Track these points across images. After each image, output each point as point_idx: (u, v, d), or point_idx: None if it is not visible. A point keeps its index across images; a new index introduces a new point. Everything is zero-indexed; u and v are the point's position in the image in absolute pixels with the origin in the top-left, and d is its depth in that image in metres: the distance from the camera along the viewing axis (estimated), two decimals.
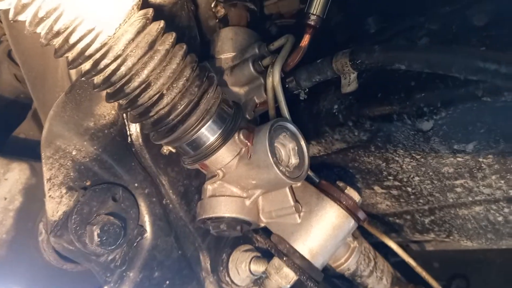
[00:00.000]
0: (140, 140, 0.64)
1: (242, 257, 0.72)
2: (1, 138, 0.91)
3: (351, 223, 0.62)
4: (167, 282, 0.67)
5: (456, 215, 0.82)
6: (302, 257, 0.60)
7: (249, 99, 0.66)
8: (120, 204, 0.62)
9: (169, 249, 0.67)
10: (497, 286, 1.19)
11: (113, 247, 0.58)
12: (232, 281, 0.73)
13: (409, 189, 0.78)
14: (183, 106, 0.54)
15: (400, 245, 0.86)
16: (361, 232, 0.83)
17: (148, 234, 0.66)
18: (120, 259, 0.62)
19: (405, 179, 0.76)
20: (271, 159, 0.57)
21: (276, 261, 0.62)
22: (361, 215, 0.63)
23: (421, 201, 0.81)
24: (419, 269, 0.77)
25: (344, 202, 0.62)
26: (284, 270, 0.61)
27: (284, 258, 0.60)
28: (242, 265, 0.71)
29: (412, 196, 0.80)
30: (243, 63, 0.66)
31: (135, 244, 0.64)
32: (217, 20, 0.77)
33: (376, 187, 0.82)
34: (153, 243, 0.66)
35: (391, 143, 0.67)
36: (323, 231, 0.61)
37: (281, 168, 0.58)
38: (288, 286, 0.62)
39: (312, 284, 0.60)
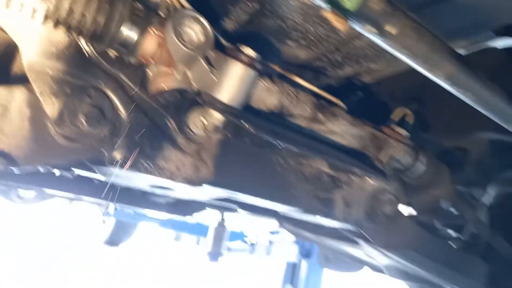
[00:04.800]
0: (94, 52, 0.90)
1: (195, 113, 1.01)
2: None
3: (251, 72, 0.87)
4: (146, 141, 0.99)
5: (355, 46, 1.03)
6: (222, 102, 0.87)
7: None
8: (94, 98, 0.91)
9: (140, 120, 0.97)
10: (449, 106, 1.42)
11: (98, 126, 0.89)
12: (193, 132, 1.04)
13: (311, 36, 0.99)
14: (104, 18, 0.77)
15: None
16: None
17: (123, 113, 0.96)
18: (108, 133, 0.94)
19: (303, 30, 0.97)
20: (176, 41, 0.80)
21: (201, 108, 0.91)
22: (258, 65, 0.87)
23: (325, 43, 1.02)
24: (316, 90, 1.03)
25: (242, 58, 0.86)
26: (212, 113, 0.90)
27: (211, 105, 0.88)
28: (196, 120, 1.01)
29: (317, 42, 1.01)
30: None
31: (116, 122, 0.95)
32: None
33: (288, 42, 1.03)
34: (129, 118, 0.96)
35: (272, 5, 0.86)
36: (233, 82, 0.87)
37: (188, 45, 0.82)
38: (221, 124, 0.92)
39: (234, 118, 0.89)
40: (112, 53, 0.89)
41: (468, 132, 1.40)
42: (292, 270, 4.22)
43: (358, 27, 0.58)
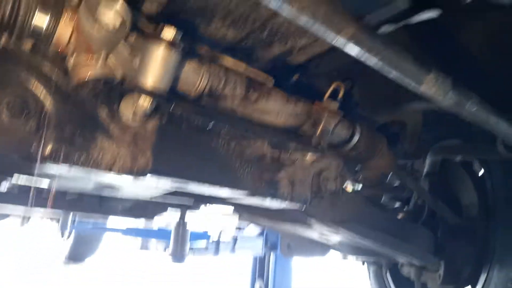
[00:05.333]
0: (10, 42, 0.87)
1: (126, 101, 1.01)
2: None
3: (173, 52, 0.88)
4: (77, 132, 0.97)
5: (279, 23, 1.06)
6: (147, 86, 0.88)
7: None
8: (16, 89, 0.88)
9: (69, 110, 0.96)
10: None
11: (22, 117, 0.87)
12: (127, 121, 1.03)
13: (235, 14, 1.02)
14: (10, 7, 0.75)
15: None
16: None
17: (50, 105, 0.93)
18: (35, 125, 0.92)
19: (226, 8, 0.99)
20: (92, 25, 0.80)
21: (131, 96, 0.91)
22: (179, 45, 0.88)
23: (249, 21, 1.05)
24: (246, 69, 1.06)
25: (163, 39, 0.87)
26: (140, 99, 0.90)
27: (136, 90, 0.88)
28: (128, 108, 1.00)
29: (241, 19, 1.04)
30: None
31: (43, 114, 0.93)
32: None
33: (214, 22, 1.05)
34: (56, 109, 0.94)
35: None
36: (156, 65, 0.88)
37: (104, 29, 0.81)
38: (150, 109, 0.93)
39: (162, 101, 0.89)
40: (28, 42, 0.87)
41: (399, 105, 1.48)
42: (261, 264, 4.26)
43: None
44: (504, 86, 1.28)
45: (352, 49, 0.74)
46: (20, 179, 1.19)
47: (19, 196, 2.79)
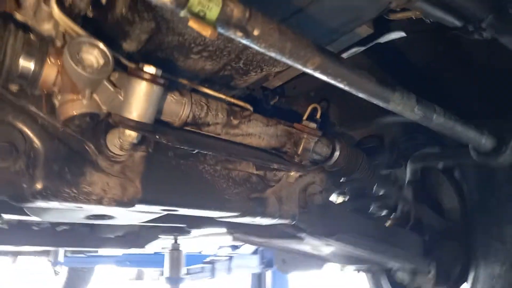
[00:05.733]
0: None
1: (112, 134, 1.05)
2: None
3: (155, 88, 0.93)
4: (66, 169, 1.00)
5: (253, 54, 1.13)
6: (131, 120, 0.92)
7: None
8: (4, 133, 0.92)
9: (57, 148, 0.99)
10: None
11: (11, 159, 0.90)
12: (114, 154, 1.07)
13: (211, 47, 1.08)
14: None
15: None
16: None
17: (37, 144, 0.97)
18: (24, 165, 0.95)
19: (202, 42, 1.05)
20: (75, 67, 0.85)
21: (117, 129, 0.95)
22: (160, 80, 0.94)
23: (225, 53, 1.11)
24: (224, 97, 1.12)
25: (144, 76, 0.92)
26: (126, 132, 0.95)
27: (121, 124, 0.93)
28: (114, 141, 1.05)
29: (217, 52, 1.10)
30: None
31: (31, 153, 0.96)
32: None
33: (192, 56, 1.11)
34: (44, 148, 0.97)
35: (167, 23, 0.94)
36: (139, 99, 0.93)
37: (87, 70, 0.86)
38: (135, 141, 0.97)
39: (147, 133, 0.94)
40: (14, 85, 0.91)
41: (374, 119, 1.56)
42: (258, 281, 4.24)
43: (225, 32, 0.66)
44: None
45: (320, 76, 0.80)
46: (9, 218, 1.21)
47: (9, 232, 2.77)
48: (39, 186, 0.98)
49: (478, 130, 1.21)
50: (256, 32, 0.66)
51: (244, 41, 0.68)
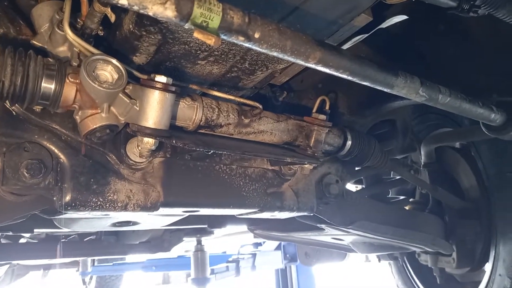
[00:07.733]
0: (21, 110, 0.98)
1: (131, 144, 1.10)
2: None
3: (167, 95, 0.98)
4: (92, 180, 1.07)
5: (257, 53, 1.17)
6: (148, 128, 0.98)
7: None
8: (32, 151, 0.98)
9: (81, 161, 1.06)
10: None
11: (41, 175, 0.97)
12: (135, 162, 1.13)
13: (216, 52, 1.12)
14: (20, 79, 0.86)
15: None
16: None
17: (63, 159, 1.04)
18: (53, 180, 1.01)
19: (207, 48, 1.10)
20: (92, 84, 0.90)
21: (135, 138, 1.01)
22: (172, 88, 0.99)
23: (230, 56, 1.15)
24: (233, 98, 1.16)
25: (156, 86, 0.97)
26: (144, 139, 1.00)
27: (139, 133, 0.98)
28: (133, 150, 1.10)
29: (222, 56, 1.14)
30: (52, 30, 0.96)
31: (58, 168, 1.03)
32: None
33: (199, 61, 1.16)
34: (69, 162, 1.04)
35: (172, 33, 0.99)
36: (153, 108, 0.98)
37: (104, 85, 0.92)
38: (154, 147, 1.03)
39: (163, 139, 0.99)
40: (37, 107, 0.98)
41: (383, 105, 1.58)
42: (283, 276, 4.28)
43: (228, 39, 0.70)
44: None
45: (323, 69, 0.84)
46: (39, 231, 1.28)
47: (39, 246, 2.89)
48: (68, 198, 1.04)
49: (486, 106, 1.22)
50: (257, 35, 0.70)
51: (247, 45, 0.72)
